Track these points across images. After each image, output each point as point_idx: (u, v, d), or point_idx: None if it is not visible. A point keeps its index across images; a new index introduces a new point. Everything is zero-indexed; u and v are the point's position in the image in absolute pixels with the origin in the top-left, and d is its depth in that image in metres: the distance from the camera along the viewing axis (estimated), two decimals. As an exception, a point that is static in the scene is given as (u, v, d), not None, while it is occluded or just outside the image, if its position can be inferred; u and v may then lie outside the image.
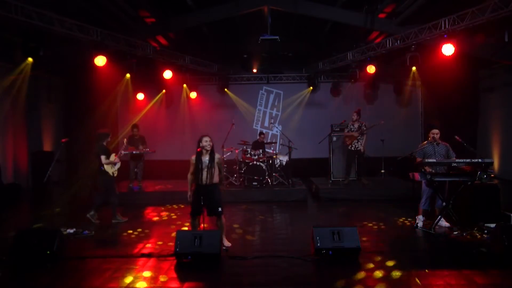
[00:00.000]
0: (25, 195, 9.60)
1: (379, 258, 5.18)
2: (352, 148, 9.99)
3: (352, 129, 10.00)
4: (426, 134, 9.81)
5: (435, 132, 6.62)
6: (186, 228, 6.74)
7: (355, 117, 10.05)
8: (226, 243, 5.82)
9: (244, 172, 9.74)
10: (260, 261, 5.18)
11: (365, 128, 9.87)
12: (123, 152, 7.58)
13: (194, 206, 5.59)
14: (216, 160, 5.53)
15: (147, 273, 4.80)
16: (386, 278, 4.51)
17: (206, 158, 5.49)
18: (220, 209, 5.57)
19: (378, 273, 4.65)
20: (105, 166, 7.20)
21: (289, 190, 9.65)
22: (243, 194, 9.51)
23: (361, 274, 4.65)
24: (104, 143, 7.30)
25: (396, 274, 4.63)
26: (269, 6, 9.27)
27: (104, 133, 7.41)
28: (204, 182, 5.46)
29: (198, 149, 5.50)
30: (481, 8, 7.21)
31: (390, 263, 4.98)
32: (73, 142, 9.48)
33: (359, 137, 9.89)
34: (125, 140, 7.81)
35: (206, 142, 5.47)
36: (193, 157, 5.54)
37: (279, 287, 4.44)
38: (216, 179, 5.57)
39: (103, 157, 7.14)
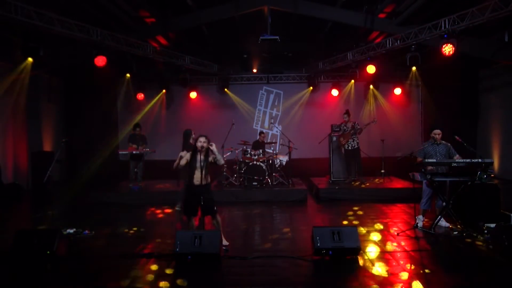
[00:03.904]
0: (25, 195, 9.61)
1: (379, 258, 5.18)
2: (349, 148, 10.02)
3: (346, 130, 10.07)
4: (426, 134, 9.80)
5: (437, 133, 6.60)
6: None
7: (346, 118, 10.12)
8: (224, 241, 5.81)
9: (244, 172, 9.74)
10: (260, 261, 5.17)
11: (358, 127, 9.93)
12: None
13: (189, 207, 5.62)
14: (210, 159, 5.47)
15: (147, 273, 4.79)
16: (386, 278, 4.51)
17: (201, 157, 5.41)
18: (215, 207, 5.61)
19: (378, 273, 4.65)
20: None
21: (289, 190, 9.64)
22: (243, 194, 9.50)
23: (361, 274, 4.65)
24: (191, 141, 7.72)
25: (396, 274, 4.63)
26: (269, 6, 9.28)
27: (189, 131, 7.91)
28: (198, 182, 5.42)
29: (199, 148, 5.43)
30: (481, 8, 7.22)
31: (390, 263, 4.98)
32: (73, 142, 9.48)
33: (353, 136, 9.93)
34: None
35: (200, 143, 5.37)
36: (187, 154, 5.45)
37: (279, 287, 4.44)
38: (209, 179, 5.58)
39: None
